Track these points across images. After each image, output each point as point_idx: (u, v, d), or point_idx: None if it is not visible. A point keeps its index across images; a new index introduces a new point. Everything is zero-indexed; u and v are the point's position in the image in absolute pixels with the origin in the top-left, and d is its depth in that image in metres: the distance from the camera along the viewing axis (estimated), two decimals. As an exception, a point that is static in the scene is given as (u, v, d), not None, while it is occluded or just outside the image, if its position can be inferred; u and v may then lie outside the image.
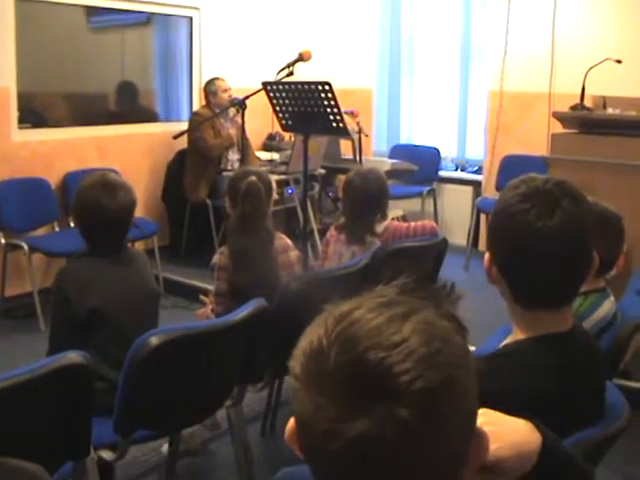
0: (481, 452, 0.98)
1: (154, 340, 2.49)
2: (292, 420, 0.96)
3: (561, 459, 1.19)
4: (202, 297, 3.72)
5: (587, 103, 5.43)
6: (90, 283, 2.88)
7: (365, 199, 4.03)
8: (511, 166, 6.87)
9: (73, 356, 2.27)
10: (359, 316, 0.91)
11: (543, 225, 1.60)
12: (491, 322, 2.02)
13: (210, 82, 6.76)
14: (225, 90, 6.65)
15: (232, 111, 6.55)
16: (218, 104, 6.59)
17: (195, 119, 6.54)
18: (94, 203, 2.94)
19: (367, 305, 0.93)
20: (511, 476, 1.11)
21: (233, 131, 6.65)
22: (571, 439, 1.54)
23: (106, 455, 2.66)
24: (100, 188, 2.98)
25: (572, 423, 1.58)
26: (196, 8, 7.19)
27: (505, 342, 1.77)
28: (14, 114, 5.89)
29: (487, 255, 1.72)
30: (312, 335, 0.93)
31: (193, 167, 6.64)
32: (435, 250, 4.07)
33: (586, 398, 1.66)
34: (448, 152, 8.24)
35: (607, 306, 2.60)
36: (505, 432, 1.09)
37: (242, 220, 3.64)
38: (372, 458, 0.86)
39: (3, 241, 5.56)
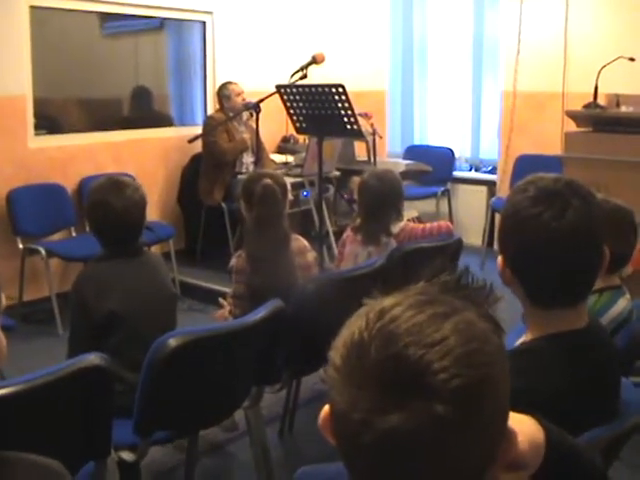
0: (510, 450, 1.00)
1: (173, 342, 2.51)
2: (327, 407, 0.97)
3: (566, 452, 1.20)
4: (221, 300, 3.74)
5: (600, 101, 5.43)
6: (109, 286, 2.90)
7: (381, 199, 4.05)
8: (525, 165, 6.86)
9: (92, 358, 2.29)
10: (400, 312, 0.92)
11: (555, 227, 1.61)
12: (508, 321, 2.02)
13: (223, 86, 6.78)
14: (238, 94, 6.67)
15: (246, 115, 6.58)
16: (231, 108, 6.61)
17: (209, 123, 6.56)
18: (101, 202, 2.99)
19: (408, 302, 0.94)
20: (530, 470, 1.12)
21: (247, 135, 6.68)
22: (586, 436, 1.55)
23: (126, 456, 2.68)
24: (107, 187, 3.03)
25: (587, 420, 1.59)
26: (209, 13, 7.21)
27: (520, 341, 1.78)
28: (30, 121, 5.93)
29: (499, 257, 1.74)
30: (353, 327, 0.94)
31: (207, 171, 6.66)
32: (450, 250, 4.08)
33: (601, 395, 1.67)
34: (462, 152, 8.25)
35: (622, 303, 2.60)
36: (519, 426, 1.11)
37: (258, 223, 3.66)
38: (405, 452, 0.88)
39: (21, 246, 5.60)
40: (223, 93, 6.73)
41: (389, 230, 4.05)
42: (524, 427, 1.10)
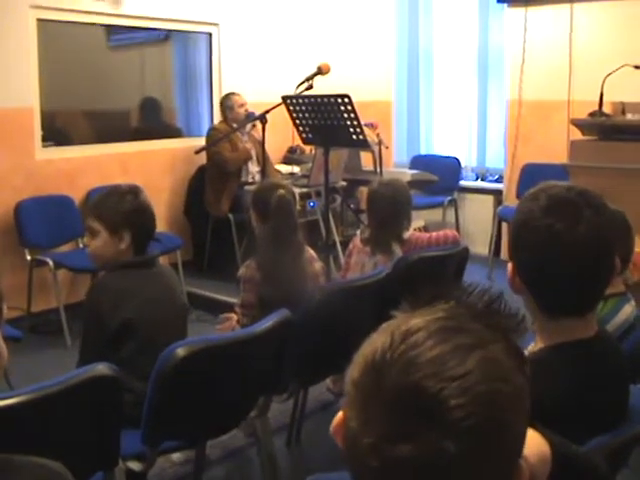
0: None
1: (181, 352, 2.52)
2: (340, 414, 0.96)
3: (572, 462, 1.19)
4: (223, 315, 3.75)
5: (606, 110, 5.42)
6: (123, 295, 2.90)
7: (392, 207, 4.06)
8: (531, 174, 6.87)
9: (101, 368, 2.30)
10: (424, 339, 0.90)
11: (568, 238, 1.61)
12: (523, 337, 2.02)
13: (226, 97, 6.81)
14: (241, 105, 6.70)
15: (249, 125, 6.61)
16: (234, 119, 6.65)
17: (213, 134, 6.57)
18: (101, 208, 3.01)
19: (435, 327, 0.92)
20: None
21: (249, 145, 6.70)
22: (593, 442, 1.55)
23: (134, 466, 2.69)
24: (106, 194, 3.04)
25: (595, 429, 1.59)
26: (215, 24, 7.25)
27: (528, 349, 1.78)
28: (38, 133, 5.97)
29: (510, 266, 1.73)
30: (377, 343, 0.93)
31: (213, 182, 6.68)
32: (457, 259, 4.08)
33: (610, 403, 1.67)
34: (468, 162, 8.25)
35: (628, 310, 2.60)
36: (527, 439, 1.10)
37: (275, 233, 3.67)
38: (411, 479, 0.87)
39: (29, 257, 5.61)
40: (226, 104, 6.76)
41: (401, 237, 4.06)
42: (530, 441, 1.10)
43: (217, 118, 7.26)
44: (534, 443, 1.11)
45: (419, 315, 0.95)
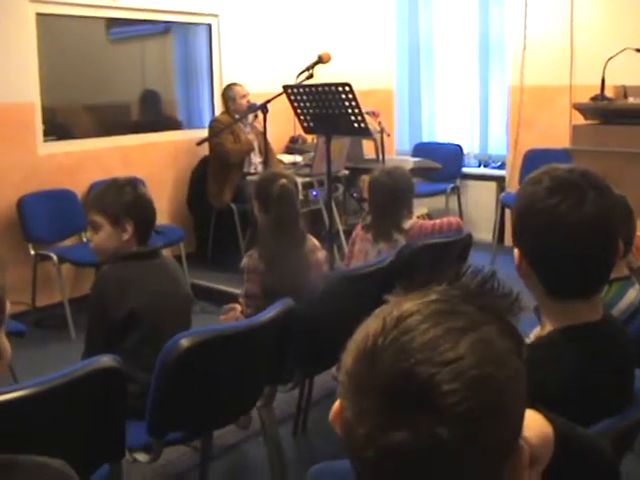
0: (519, 469, 0.97)
1: (184, 342, 2.52)
2: (338, 403, 0.95)
3: (576, 444, 1.19)
4: (227, 306, 3.75)
5: (608, 93, 5.41)
6: (128, 285, 2.91)
7: (392, 196, 4.07)
8: (534, 160, 6.84)
9: (106, 360, 2.30)
10: (416, 324, 0.89)
11: (573, 219, 1.61)
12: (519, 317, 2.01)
13: (228, 88, 6.79)
14: (243, 96, 6.68)
15: (251, 116, 6.60)
16: (237, 110, 6.64)
17: (215, 126, 6.56)
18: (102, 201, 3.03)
19: (427, 311, 0.91)
20: (541, 465, 1.11)
21: (252, 136, 6.70)
22: (599, 426, 1.54)
23: (141, 457, 2.69)
24: (105, 187, 3.07)
25: (601, 412, 1.59)
26: (215, 15, 7.23)
27: (534, 333, 1.78)
28: (39, 128, 5.97)
29: (516, 251, 1.73)
30: (369, 329, 0.92)
31: (215, 173, 6.67)
32: (460, 246, 4.08)
33: (615, 387, 1.67)
34: (470, 148, 8.23)
35: (632, 294, 2.60)
36: (529, 421, 1.09)
37: (277, 223, 3.68)
38: (405, 470, 0.87)
39: (32, 252, 5.62)
40: (228, 95, 6.75)
41: (400, 226, 4.06)
42: (532, 422, 1.09)
43: (218, 109, 7.26)
44: (536, 424, 1.11)
45: (411, 299, 0.94)
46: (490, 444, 0.88)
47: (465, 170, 8.04)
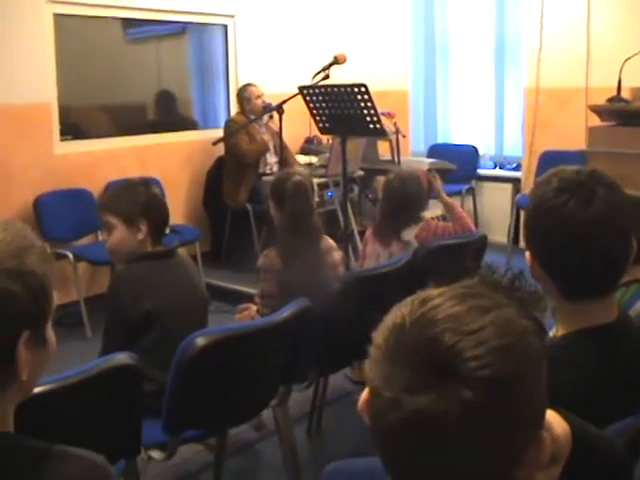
0: (540, 456, 0.98)
1: (200, 341, 2.53)
2: (367, 390, 0.99)
3: (591, 444, 1.19)
4: (242, 305, 3.76)
5: (624, 95, 5.39)
6: (145, 285, 2.92)
7: (400, 202, 4.09)
8: (550, 162, 6.81)
9: (122, 357, 2.32)
10: (442, 302, 0.95)
11: (583, 216, 1.60)
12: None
13: (243, 89, 6.81)
14: (258, 96, 6.69)
15: (266, 116, 6.61)
16: (252, 110, 6.64)
17: (230, 126, 6.57)
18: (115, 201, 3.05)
19: (452, 293, 0.97)
20: (561, 463, 1.11)
21: (267, 136, 6.71)
22: (613, 428, 1.54)
23: (156, 455, 2.71)
24: (118, 188, 3.12)
25: (616, 415, 1.58)
26: (231, 16, 7.25)
27: (549, 335, 1.78)
28: (56, 128, 6.00)
29: (527, 254, 1.73)
30: (397, 312, 0.98)
31: (231, 173, 6.69)
32: (475, 247, 4.08)
33: (631, 389, 1.67)
34: (486, 150, 8.23)
35: (650, 296, 2.58)
36: (553, 417, 1.10)
37: (292, 218, 3.69)
38: (430, 433, 0.90)
39: (49, 251, 5.62)
40: (243, 95, 6.76)
41: (400, 235, 4.08)
42: (553, 418, 1.10)
43: (234, 110, 7.27)
44: (557, 420, 1.12)
45: (437, 288, 1.00)
46: (511, 413, 0.91)
47: (480, 172, 8.03)
